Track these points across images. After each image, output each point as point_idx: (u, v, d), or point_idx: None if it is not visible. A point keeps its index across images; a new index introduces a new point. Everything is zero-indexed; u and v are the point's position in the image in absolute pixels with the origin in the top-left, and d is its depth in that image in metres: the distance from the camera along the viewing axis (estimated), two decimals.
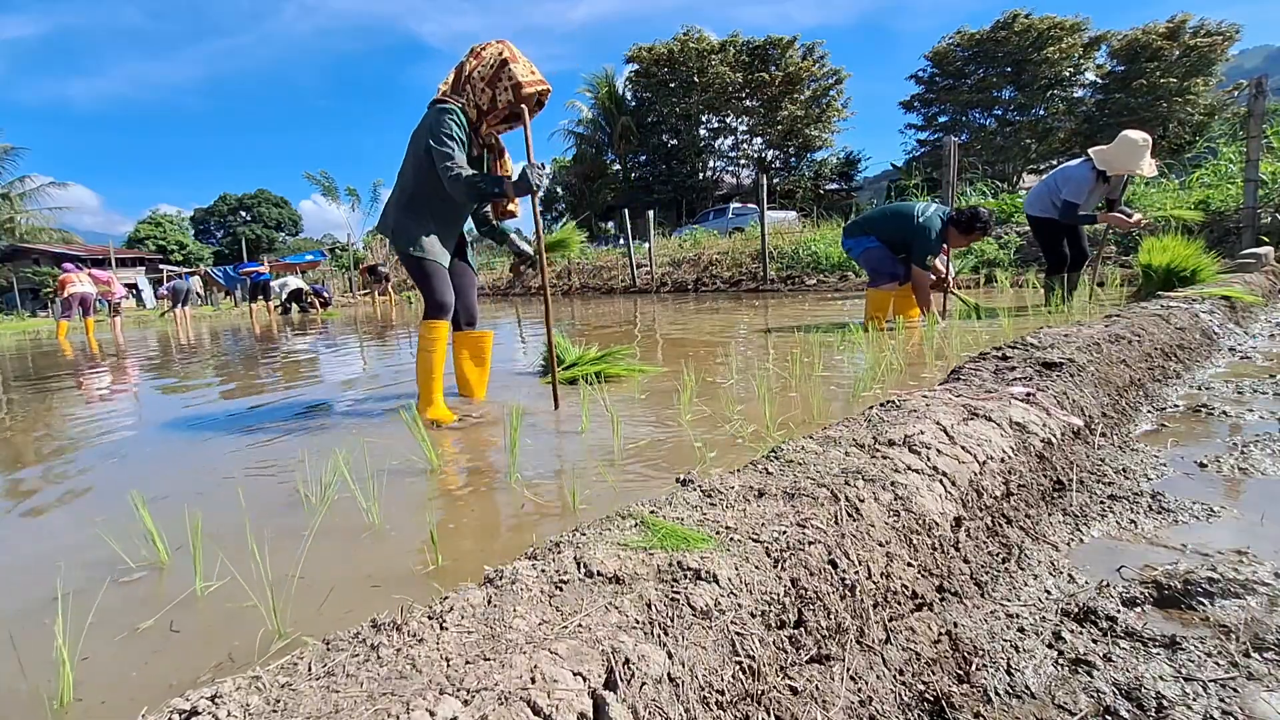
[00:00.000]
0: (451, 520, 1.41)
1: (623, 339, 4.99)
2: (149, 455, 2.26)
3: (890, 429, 1.25)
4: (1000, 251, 9.19)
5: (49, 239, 32.07)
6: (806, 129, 29.79)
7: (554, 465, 1.76)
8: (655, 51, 29.03)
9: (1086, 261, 4.95)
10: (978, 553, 1.04)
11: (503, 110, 2.47)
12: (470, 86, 2.43)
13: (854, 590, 0.79)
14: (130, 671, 0.92)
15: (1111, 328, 2.33)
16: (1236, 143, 9.15)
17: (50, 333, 13.86)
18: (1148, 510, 1.25)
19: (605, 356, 3.20)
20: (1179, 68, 24.04)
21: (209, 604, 1.10)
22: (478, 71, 2.41)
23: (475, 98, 2.43)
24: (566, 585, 0.69)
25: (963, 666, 0.81)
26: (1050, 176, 4.80)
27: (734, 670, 0.64)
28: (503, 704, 0.51)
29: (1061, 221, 4.64)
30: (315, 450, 2.10)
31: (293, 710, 0.51)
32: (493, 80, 2.40)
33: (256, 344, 7.20)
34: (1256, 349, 2.81)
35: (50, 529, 1.58)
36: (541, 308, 3.17)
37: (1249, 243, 6.30)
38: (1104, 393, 1.80)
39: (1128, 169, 4.25)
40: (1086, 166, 4.45)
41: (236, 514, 1.50)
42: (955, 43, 27.95)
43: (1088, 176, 4.41)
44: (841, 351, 3.40)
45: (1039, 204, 4.80)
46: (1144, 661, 0.80)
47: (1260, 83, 6.28)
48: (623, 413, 2.25)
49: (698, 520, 0.85)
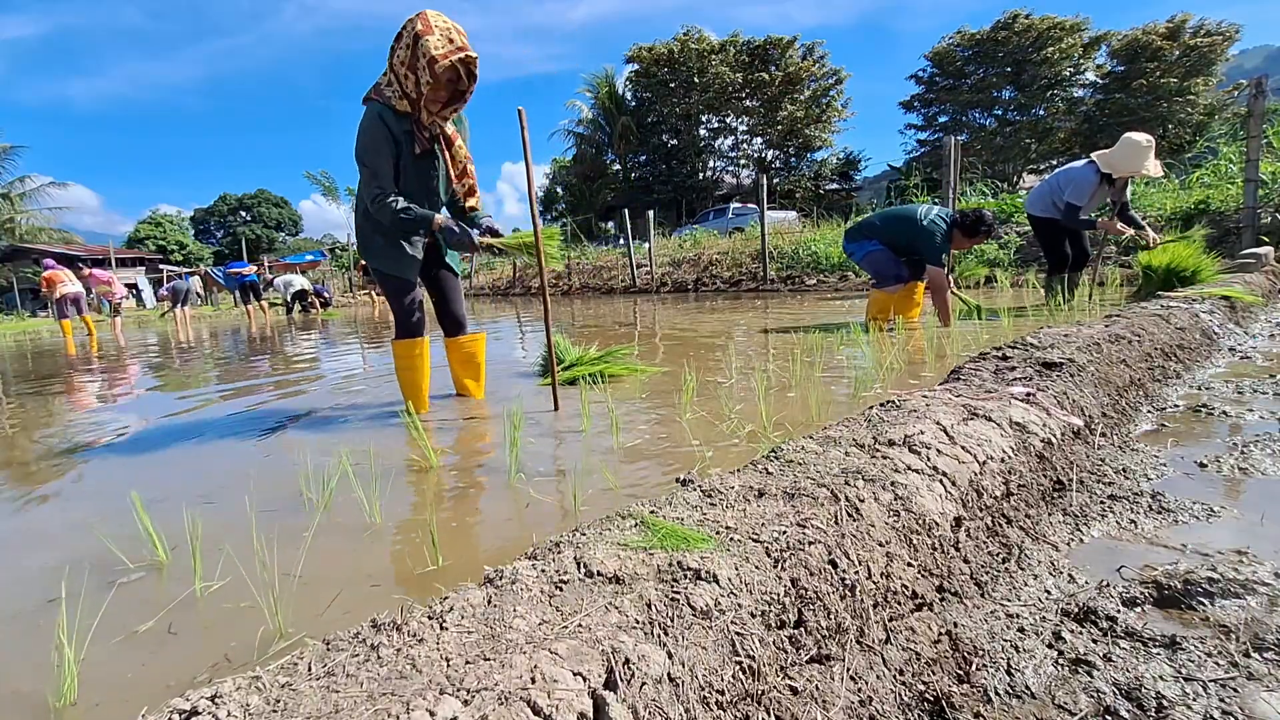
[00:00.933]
0: (451, 520, 1.41)
1: (623, 339, 4.99)
2: (148, 456, 2.26)
3: (890, 429, 1.25)
4: (1000, 251, 9.19)
5: (49, 239, 32.07)
6: (806, 129, 29.79)
7: (554, 465, 1.76)
8: (655, 51, 29.04)
9: (1088, 262, 4.96)
10: (978, 553, 1.04)
11: (435, 93, 2.19)
12: (395, 75, 2.16)
13: (854, 590, 0.79)
14: (130, 672, 0.92)
15: (1111, 328, 2.33)
16: (1236, 143, 9.15)
17: (53, 332, 13.86)
18: (1148, 510, 1.25)
19: (605, 357, 3.20)
20: (1179, 68, 24.04)
21: (209, 604, 1.10)
22: (398, 55, 2.14)
23: (403, 86, 2.16)
24: (566, 585, 0.69)
25: (963, 666, 0.81)
26: (1053, 176, 4.80)
27: (734, 670, 0.64)
28: (503, 704, 0.51)
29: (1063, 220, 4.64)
30: (316, 450, 2.10)
31: (293, 710, 0.51)
32: (412, 63, 2.11)
33: (255, 344, 7.20)
34: (1257, 349, 2.81)
35: (48, 530, 1.58)
36: (541, 308, 3.15)
37: (1249, 243, 6.30)
38: (1104, 393, 1.80)
39: (1132, 171, 4.24)
40: (1090, 169, 4.44)
41: (236, 514, 1.50)
42: (955, 43, 27.95)
43: (1091, 179, 4.40)
44: (841, 351, 3.40)
45: (1040, 204, 4.79)
46: (1144, 661, 0.80)
47: (1260, 83, 6.28)
48: (623, 413, 2.25)
49: (698, 520, 0.85)
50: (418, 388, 2.54)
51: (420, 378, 2.53)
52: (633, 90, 31.11)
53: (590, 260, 16.37)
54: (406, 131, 2.25)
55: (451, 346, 2.70)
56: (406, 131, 2.25)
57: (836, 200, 28.51)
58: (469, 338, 2.68)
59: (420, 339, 2.50)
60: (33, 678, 0.92)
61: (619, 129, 30.29)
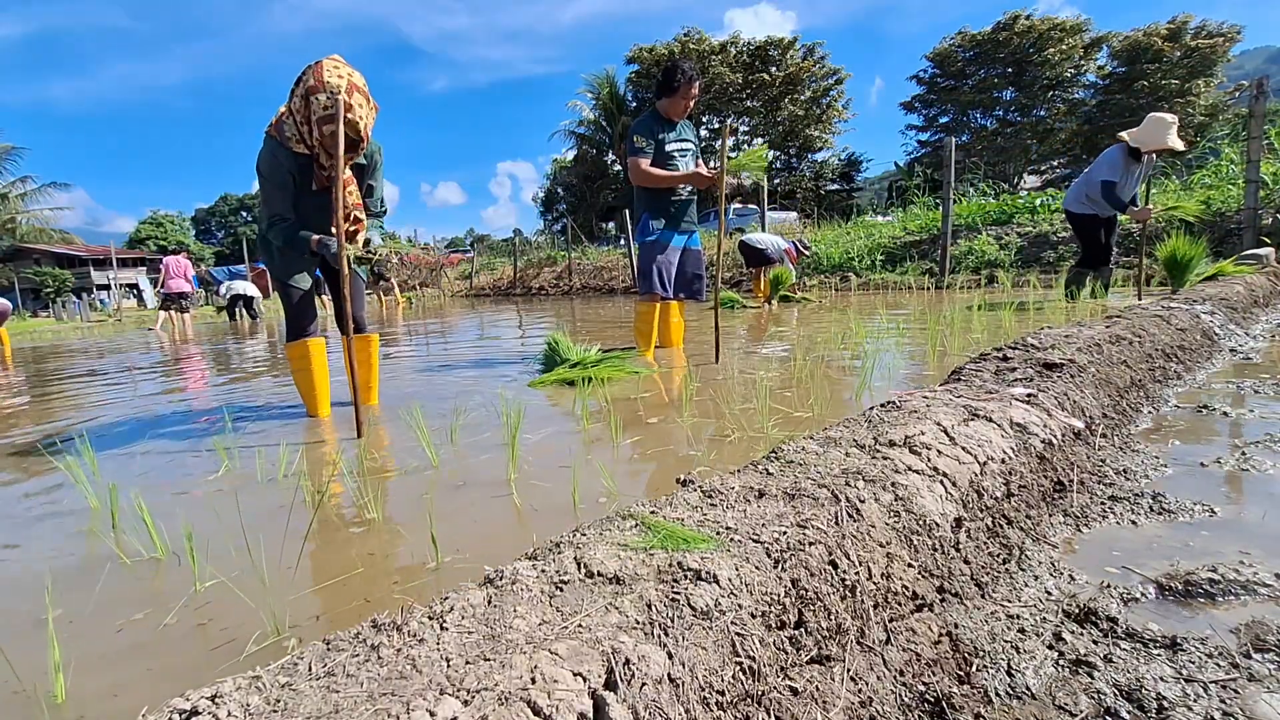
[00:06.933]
0: (451, 520, 1.41)
1: (623, 339, 4.99)
2: (148, 454, 2.26)
3: (891, 429, 1.25)
4: (1001, 252, 9.19)
5: (49, 239, 32.12)
6: (807, 129, 29.81)
7: (554, 465, 1.76)
8: (656, 53, 29.06)
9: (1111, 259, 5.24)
10: (978, 553, 1.04)
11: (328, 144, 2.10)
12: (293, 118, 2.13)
13: (854, 591, 0.79)
14: (129, 671, 0.92)
15: (1112, 329, 2.33)
16: (1238, 144, 9.15)
17: (55, 333, 13.87)
18: (1148, 511, 1.25)
19: (606, 357, 3.20)
20: (1180, 69, 24.06)
21: (208, 603, 1.10)
22: (294, 104, 2.10)
23: (299, 131, 2.13)
24: (567, 585, 0.69)
25: (963, 667, 0.81)
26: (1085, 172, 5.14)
27: (734, 671, 0.63)
28: (503, 704, 0.51)
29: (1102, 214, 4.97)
30: (316, 450, 2.10)
31: (293, 710, 0.51)
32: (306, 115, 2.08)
33: (254, 343, 7.21)
34: (1257, 349, 2.81)
35: (47, 529, 1.58)
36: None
37: (1250, 243, 6.30)
38: (1105, 393, 1.80)
39: (1160, 144, 4.59)
40: (1117, 147, 4.79)
41: (236, 513, 1.50)
42: (956, 44, 27.96)
43: (1120, 155, 4.74)
44: (842, 351, 3.40)
45: (1076, 201, 5.11)
46: (1145, 662, 0.80)
47: (1261, 84, 6.28)
48: (623, 412, 2.25)
49: (698, 521, 0.85)
50: (312, 389, 2.54)
51: (314, 379, 2.53)
52: (634, 91, 31.12)
53: (591, 260, 16.38)
54: (303, 168, 2.28)
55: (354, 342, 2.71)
56: (303, 168, 2.28)
57: (837, 201, 28.52)
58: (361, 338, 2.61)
59: (307, 340, 2.50)
60: (30, 677, 0.92)
61: (620, 129, 30.30)
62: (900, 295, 8.06)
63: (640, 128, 3.49)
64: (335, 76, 2.03)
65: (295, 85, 2.10)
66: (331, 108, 2.02)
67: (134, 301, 24.30)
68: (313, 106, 2.04)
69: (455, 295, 18.86)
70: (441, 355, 4.88)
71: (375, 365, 2.75)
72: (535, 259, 18.62)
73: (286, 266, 2.44)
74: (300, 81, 2.08)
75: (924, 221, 10.94)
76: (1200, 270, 5.08)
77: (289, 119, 2.16)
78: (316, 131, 2.09)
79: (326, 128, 2.06)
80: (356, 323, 2.56)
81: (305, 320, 2.51)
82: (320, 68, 2.04)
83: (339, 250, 2.16)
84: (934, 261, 9.49)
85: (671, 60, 3.49)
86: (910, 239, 10.54)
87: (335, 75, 2.03)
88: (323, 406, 2.59)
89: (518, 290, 17.15)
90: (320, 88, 2.02)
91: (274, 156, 2.21)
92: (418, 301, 16.46)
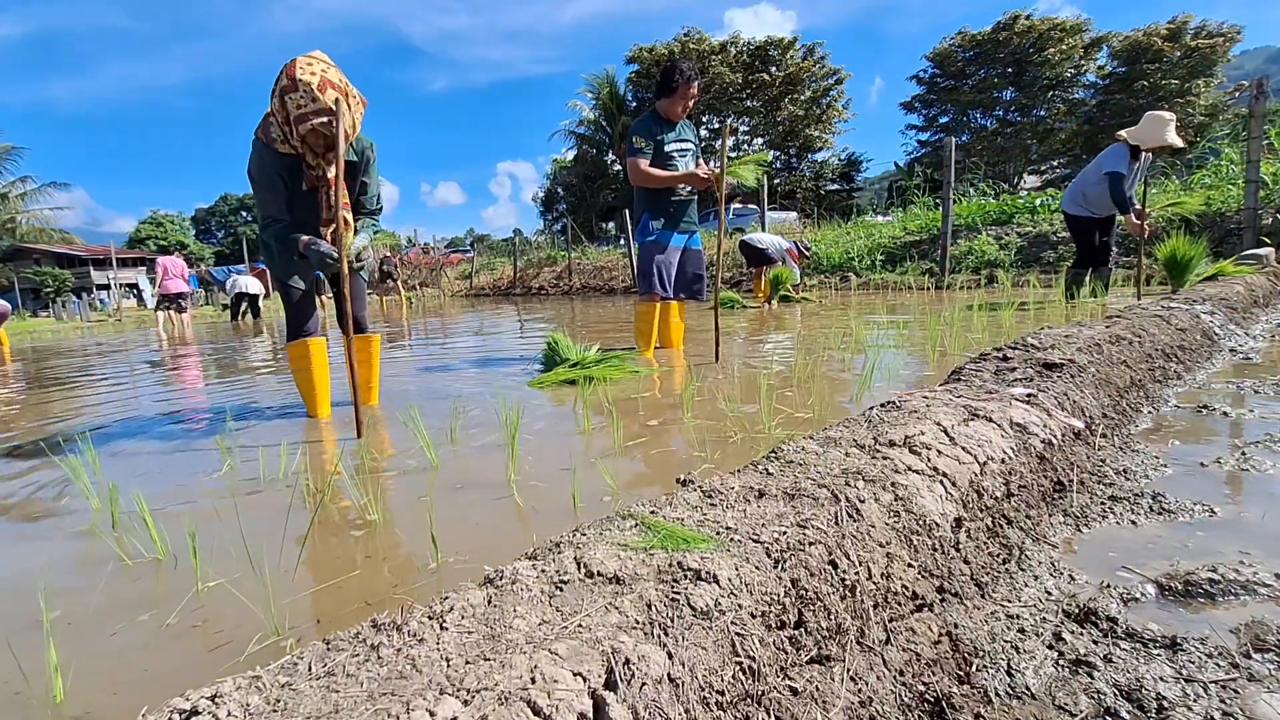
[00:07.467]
0: (451, 520, 1.41)
1: (623, 339, 4.99)
2: (149, 454, 2.26)
3: (891, 429, 1.25)
4: (1001, 252, 9.19)
5: (49, 239, 32.12)
6: (807, 129, 29.81)
7: (554, 465, 1.76)
8: (656, 53, 29.06)
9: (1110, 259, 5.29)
10: (978, 553, 1.04)
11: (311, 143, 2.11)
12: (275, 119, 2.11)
13: (854, 591, 0.79)
14: (129, 671, 0.92)
15: (1112, 329, 2.33)
16: (1237, 144, 9.15)
17: (55, 333, 13.87)
18: (1148, 511, 1.25)
19: (605, 357, 3.20)
20: (1180, 69, 24.06)
21: (208, 603, 1.10)
22: (274, 104, 2.08)
23: (282, 131, 2.12)
24: (566, 585, 0.69)
25: (963, 667, 0.81)
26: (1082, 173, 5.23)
27: (734, 670, 0.63)
28: (503, 704, 0.51)
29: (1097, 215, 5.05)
30: (316, 450, 2.10)
31: (293, 710, 0.51)
32: (284, 116, 2.06)
33: (254, 342, 7.21)
34: (1257, 349, 2.81)
35: (46, 528, 1.58)
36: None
37: (1250, 243, 6.30)
38: (1105, 394, 1.80)
39: (1159, 141, 4.69)
40: (1119, 145, 4.86)
41: (236, 514, 1.50)
42: (956, 44, 27.96)
43: (1122, 151, 4.82)
44: (842, 351, 3.40)
45: (1073, 202, 5.19)
46: (1145, 662, 0.80)
47: (1261, 84, 6.28)
48: (623, 412, 2.25)
49: (698, 521, 0.85)
50: (312, 389, 2.54)
51: (314, 379, 2.53)
52: (634, 91, 31.11)
53: (591, 260, 16.38)
54: (292, 169, 2.26)
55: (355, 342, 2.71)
56: (292, 169, 2.26)
57: (837, 201, 28.52)
58: (362, 338, 2.62)
59: (307, 340, 2.50)
60: (30, 677, 0.92)
61: (620, 129, 30.30)
62: (900, 295, 8.06)
63: (639, 128, 3.50)
64: (308, 74, 2.00)
65: (274, 85, 2.08)
66: (306, 106, 2.00)
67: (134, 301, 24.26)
68: (289, 106, 2.02)
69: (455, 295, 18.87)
70: (441, 355, 4.88)
71: (376, 365, 2.75)
72: (535, 259, 18.63)
73: (285, 267, 2.45)
74: (277, 81, 2.07)
75: (924, 221, 10.94)
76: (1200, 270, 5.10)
77: (272, 120, 2.15)
78: (296, 131, 2.08)
79: (302, 126, 2.04)
80: (357, 322, 2.57)
81: (305, 320, 2.52)
82: (294, 65, 2.01)
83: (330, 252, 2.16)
84: (934, 261, 9.49)
85: (670, 60, 3.50)
86: (910, 239, 10.55)
87: (308, 72, 2.00)
88: (323, 406, 2.59)
89: (518, 290, 17.15)
90: (293, 86, 1.99)
91: (261, 159, 2.21)
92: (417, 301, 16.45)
